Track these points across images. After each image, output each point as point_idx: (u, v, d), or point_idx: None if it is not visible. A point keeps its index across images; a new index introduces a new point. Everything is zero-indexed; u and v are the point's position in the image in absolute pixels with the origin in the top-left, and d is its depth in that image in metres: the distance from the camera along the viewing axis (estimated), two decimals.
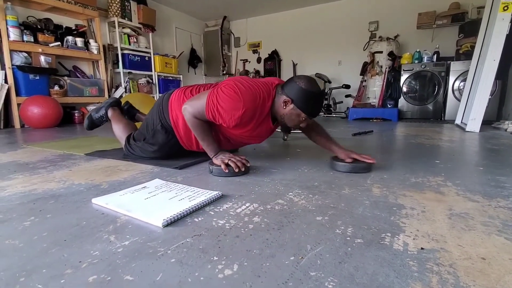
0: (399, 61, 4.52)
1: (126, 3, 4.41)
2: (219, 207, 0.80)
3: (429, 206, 0.81)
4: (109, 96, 4.17)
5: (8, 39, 3.03)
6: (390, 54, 4.58)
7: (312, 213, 0.76)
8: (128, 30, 4.53)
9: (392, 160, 1.45)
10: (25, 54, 3.21)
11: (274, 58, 6.16)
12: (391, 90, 4.49)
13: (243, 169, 1.14)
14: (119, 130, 1.51)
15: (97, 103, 3.92)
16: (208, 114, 1.12)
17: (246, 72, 6.45)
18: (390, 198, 0.87)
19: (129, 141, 1.44)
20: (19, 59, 3.16)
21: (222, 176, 1.13)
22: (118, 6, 4.25)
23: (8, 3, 3.05)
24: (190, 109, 1.15)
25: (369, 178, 1.10)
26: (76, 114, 3.66)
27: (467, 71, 3.67)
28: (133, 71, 4.60)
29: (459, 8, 4.41)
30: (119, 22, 4.29)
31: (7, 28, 3.03)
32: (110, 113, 1.60)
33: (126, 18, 4.42)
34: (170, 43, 5.68)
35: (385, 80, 4.50)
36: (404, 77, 4.38)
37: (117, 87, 4.38)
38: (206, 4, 5.44)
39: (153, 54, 4.91)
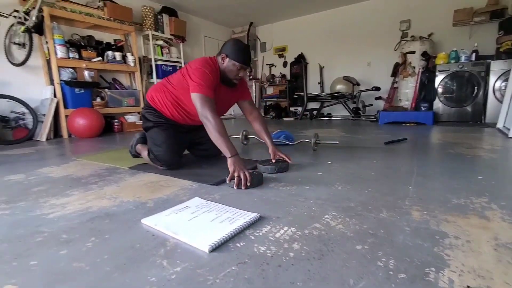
0: (433, 61, 4.31)
1: (159, 17, 4.64)
2: (258, 231, 0.84)
3: (473, 234, 0.79)
4: None
5: (56, 57, 3.32)
6: (424, 54, 4.37)
7: (351, 241, 0.77)
8: (161, 42, 4.77)
9: (430, 176, 1.41)
10: (71, 70, 3.49)
11: (300, 62, 6.13)
12: (425, 91, 4.29)
13: (244, 187, 1.24)
14: (145, 155, 1.72)
15: (134, 112, 4.15)
16: (199, 85, 1.41)
17: (273, 77, 6.48)
18: (431, 224, 0.86)
19: (149, 153, 1.66)
20: (66, 75, 3.44)
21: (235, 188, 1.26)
22: (152, 20, 4.49)
23: (55, 23, 3.34)
24: (197, 98, 1.39)
25: (407, 199, 1.08)
26: (115, 124, 3.91)
27: (509, 70, 3.41)
28: None
29: (498, 3, 4.12)
30: (153, 35, 4.52)
31: (54, 46, 3.31)
32: (138, 147, 1.84)
33: (159, 31, 4.65)
34: (199, 51, 5.88)
35: (418, 82, 4.31)
36: (439, 78, 4.16)
37: None
38: (233, 12, 5.56)
39: (184, 63, 5.11)
